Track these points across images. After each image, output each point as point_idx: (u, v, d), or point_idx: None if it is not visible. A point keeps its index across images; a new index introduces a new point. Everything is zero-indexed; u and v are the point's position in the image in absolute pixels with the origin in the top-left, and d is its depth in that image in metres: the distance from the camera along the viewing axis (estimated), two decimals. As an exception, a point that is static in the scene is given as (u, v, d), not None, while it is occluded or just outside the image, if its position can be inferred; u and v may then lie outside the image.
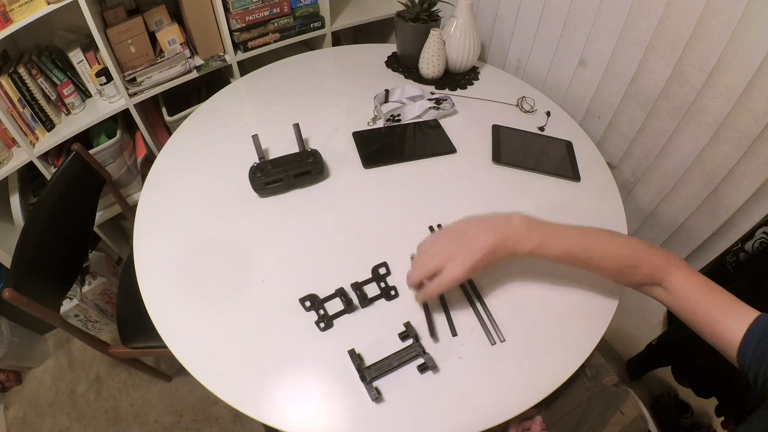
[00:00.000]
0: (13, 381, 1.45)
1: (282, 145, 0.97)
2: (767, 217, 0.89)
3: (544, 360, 0.66)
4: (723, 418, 1.10)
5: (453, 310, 0.72)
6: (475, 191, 0.92)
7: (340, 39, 1.81)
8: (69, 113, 1.28)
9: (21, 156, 1.19)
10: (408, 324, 0.68)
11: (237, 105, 1.16)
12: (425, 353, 0.65)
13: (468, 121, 1.08)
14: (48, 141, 1.21)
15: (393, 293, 0.73)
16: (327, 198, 0.90)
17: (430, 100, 1.09)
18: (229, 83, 1.34)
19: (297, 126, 0.93)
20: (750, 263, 0.91)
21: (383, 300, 0.73)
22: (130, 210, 1.28)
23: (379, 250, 0.79)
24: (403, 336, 0.68)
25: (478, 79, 1.22)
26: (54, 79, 1.23)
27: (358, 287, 0.73)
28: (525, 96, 1.13)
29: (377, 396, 0.61)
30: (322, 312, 0.70)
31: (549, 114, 1.09)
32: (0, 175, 1.17)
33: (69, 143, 1.21)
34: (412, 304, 0.72)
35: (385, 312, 0.72)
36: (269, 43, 1.44)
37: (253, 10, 1.34)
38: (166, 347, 0.68)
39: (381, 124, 1.06)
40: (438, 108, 1.07)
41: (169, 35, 1.33)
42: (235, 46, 1.40)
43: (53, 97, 1.24)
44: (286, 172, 0.87)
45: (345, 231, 0.83)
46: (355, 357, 0.64)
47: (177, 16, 1.37)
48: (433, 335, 0.68)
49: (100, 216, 1.41)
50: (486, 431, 0.60)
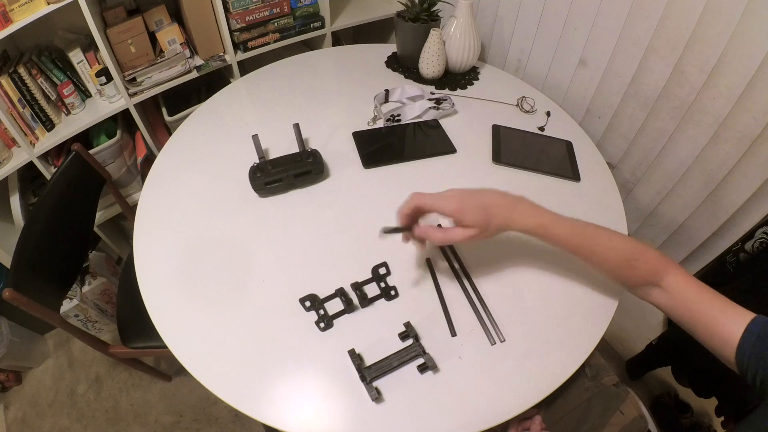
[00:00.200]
0: (13, 381, 1.45)
1: (282, 145, 0.97)
2: (767, 217, 0.89)
3: (544, 360, 0.66)
4: (723, 418, 1.10)
5: (452, 310, 0.72)
6: (475, 191, 0.91)
7: (340, 39, 1.81)
8: (69, 113, 1.28)
9: (21, 156, 1.20)
10: (408, 324, 0.68)
11: (237, 105, 1.16)
12: (425, 353, 0.65)
13: (468, 121, 1.08)
14: (48, 141, 1.21)
15: (393, 293, 0.73)
16: (327, 198, 0.90)
17: (430, 100, 1.09)
18: (229, 83, 1.34)
19: (297, 126, 0.93)
20: (750, 263, 0.91)
21: (383, 300, 0.73)
22: (130, 210, 1.28)
23: (379, 250, 0.78)
24: (403, 336, 0.68)
25: (478, 79, 1.22)
26: (54, 79, 1.23)
27: (358, 287, 0.73)
28: (525, 96, 1.13)
29: (377, 396, 0.61)
30: (322, 312, 0.70)
31: (549, 114, 1.09)
32: (0, 175, 1.17)
33: (69, 143, 1.21)
34: (412, 304, 0.72)
35: (385, 312, 0.72)
36: (269, 43, 1.44)
37: (253, 10, 1.34)
38: (166, 347, 0.68)
39: (381, 124, 1.06)
40: (438, 108, 1.07)
41: (169, 35, 1.33)
42: (235, 46, 1.40)
43: (53, 97, 1.24)
44: (286, 172, 0.87)
45: (345, 231, 0.83)
46: (355, 357, 0.64)
47: (177, 16, 1.37)
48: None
49: (100, 216, 1.40)
50: (486, 431, 0.60)
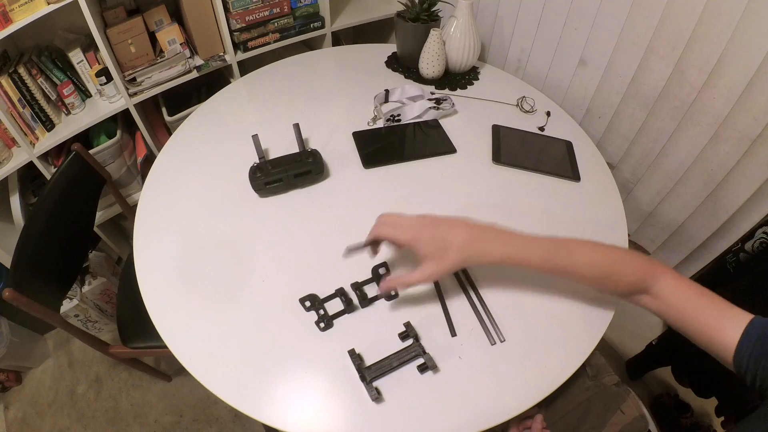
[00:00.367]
0: (13, 381, 1.45)
1: (282, 145, 0.97)
2: (767, 217, 0.89)
3: (544, 360, 0.66)
4: (723, 418, 1.09)
5: (452, 310, 0.72)
6: (475, 191, 0.91)
7: (340, 39, 1.81)
8: (69, 113, 1.28)
9: (21, 156, 1.19)
10: (408, 324, 0.68)
11: (237, 105, 1.16)
12: (425, 353, 0.65)
13: (468, 121, 1.08)
14: (48, 141, 1.21)
15: (393, 293, 0.73)
16: (327, 198, 0.90)
17: (430, 100, 1.09)
18: (229, 83, 1.34)
19: (297, 126, 0.93)
20: (750, 263, 0.91)
21: (383, 300, 0.73)
22: (130, 210, 1.28)
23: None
24: (403, 336, 0.68)
25: (478, 79, 1.22)
26: (54, 79, 1.23)
27: (358, 287, 0.73)
28: (525, 96, 1.13)
29: (377, 396, 0.61)
30: (322, 312, 0.70)
31: (549, 114, 1.09)
32: (0, 175, 1.17)
33: (69, 143, 1.21)
34: (412, 304, 0.72)
35: (385, 312, 0.72)
36: (269, 43, 1.44)
37: (253, 10, 1.34)
38: (166, 347, 0.68)
39: (381, 124, 1.06)
40: (438, 108, 1.07)
41: (169, 35, 1.33)
42: (235, 46, 1.40)
43: (53, 97, 1.24)
44: (286, 172, 0.87)
45: (345, 231, 0.83)
46: (355, 357, 0.64)
47: (177, 16, 1.37)
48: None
49: (100, 216, 1.40)
50: (486, 431, 0.60)
